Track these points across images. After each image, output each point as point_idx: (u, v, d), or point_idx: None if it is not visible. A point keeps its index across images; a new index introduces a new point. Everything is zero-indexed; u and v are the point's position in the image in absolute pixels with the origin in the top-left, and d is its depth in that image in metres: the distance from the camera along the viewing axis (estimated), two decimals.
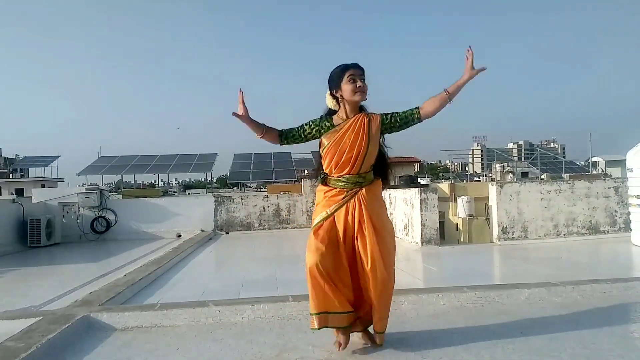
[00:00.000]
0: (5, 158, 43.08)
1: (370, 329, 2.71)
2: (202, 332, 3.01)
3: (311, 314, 2.53)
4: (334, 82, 2.62)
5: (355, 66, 2.58)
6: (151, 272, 4.96)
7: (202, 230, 10.03)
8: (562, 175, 26.27)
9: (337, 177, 2.61)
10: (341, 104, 2.64)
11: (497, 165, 28.20)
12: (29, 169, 38.68)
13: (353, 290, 2.61)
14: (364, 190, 2.60)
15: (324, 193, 2.65)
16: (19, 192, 30.43)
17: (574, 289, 3.57)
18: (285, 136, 2.70)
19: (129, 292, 4.13)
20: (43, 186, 28.58)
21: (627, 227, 6.77)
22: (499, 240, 6.91)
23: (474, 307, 3.39)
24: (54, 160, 36.65)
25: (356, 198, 2.58)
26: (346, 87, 2.56)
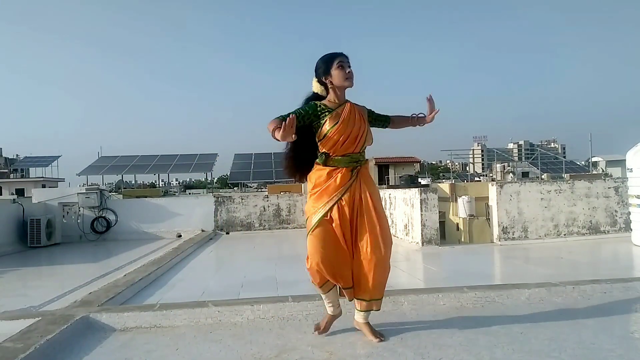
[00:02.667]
0: (5, 158, 43.18)
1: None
2: (202, 333, 3.00)
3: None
4: (323, 68, 2.69)
5: (343, 54, 2.69)
6: (151, 273, 4.96)
7: (203, 231, 10.03)
8: (563, 175, 26.30)
9: (342, 156, 2.68)
10: (331, 90, 2.72)
11: (498, 165, 28.26)
12: (30, 169, 38.72)
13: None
14: (362, 168, 2.75)
15: (327, 173, 2.66)
16: (20, 192, 30.47)
17: (574, 289, 3.56)
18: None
19: (128, 292, 4.12)
20: (43, 186, 28.62)
21: (627, 227, 6.76)
22: (499, 240, 6.90)
23: (474, 307, 3.38)
24: (54, 160, 36.69)
25: (358, 177, 2.70)
26: (336, 73, 2.66)
